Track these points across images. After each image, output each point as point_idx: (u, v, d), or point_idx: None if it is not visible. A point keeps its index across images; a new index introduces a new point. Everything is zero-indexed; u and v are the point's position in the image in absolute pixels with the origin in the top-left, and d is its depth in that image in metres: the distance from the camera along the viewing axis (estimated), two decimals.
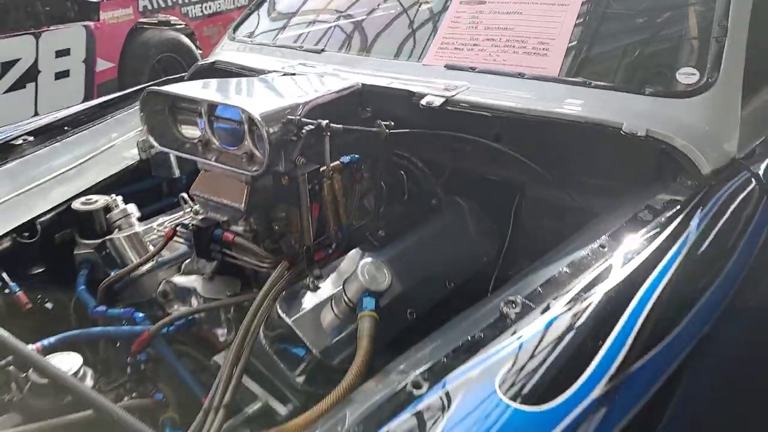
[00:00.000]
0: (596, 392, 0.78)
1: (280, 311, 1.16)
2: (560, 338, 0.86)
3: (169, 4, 4.41)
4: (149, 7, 4.27)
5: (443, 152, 1.53)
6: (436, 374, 0.82)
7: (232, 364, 1.12)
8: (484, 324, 0.91)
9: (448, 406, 0.77)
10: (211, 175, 1.34)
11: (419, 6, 1.78)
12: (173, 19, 4.75)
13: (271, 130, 1.16)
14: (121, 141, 1.80)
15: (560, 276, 0.99)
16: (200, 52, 4.51)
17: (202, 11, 4.63)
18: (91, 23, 3.84)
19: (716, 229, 1.11)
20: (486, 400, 0.78)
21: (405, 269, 1.32)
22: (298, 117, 1.20)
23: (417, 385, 0.81)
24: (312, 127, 1.19)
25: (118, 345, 1.32)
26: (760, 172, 1.27)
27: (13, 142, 1.67)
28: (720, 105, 1.31)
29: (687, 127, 1.28)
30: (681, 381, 0.89)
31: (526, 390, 0.78)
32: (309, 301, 1.20)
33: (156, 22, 4.62)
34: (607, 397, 0.78)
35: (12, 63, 3.42)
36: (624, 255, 1.02)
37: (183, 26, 4.61)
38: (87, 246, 1.55)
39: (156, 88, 1.30)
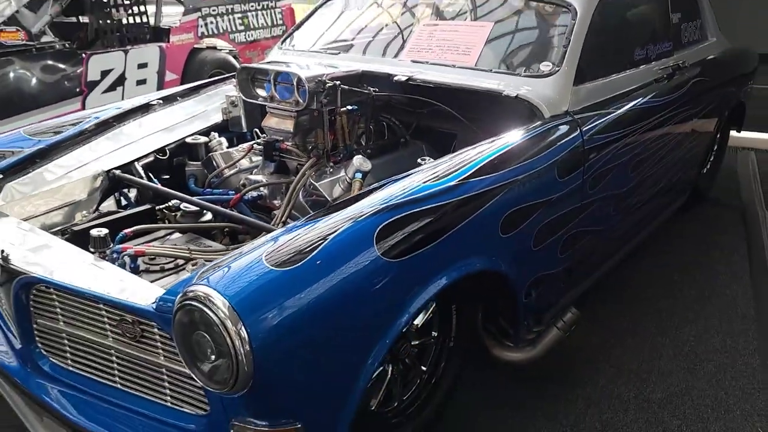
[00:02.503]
0: (453, 182, 1.78)
1: (311, 180, 2.19)
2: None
3: (221, 31, 5.55)
4: (206, 33, 5.41)
5: (410, 115, 2.56)
6: None
7: (285, 205, 2.14)
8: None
9: None
10: (273, 114, 2.37)
11: (399, 28, 2.84)
12: (219, 43, 5.90)
13: (309, 85, 2.20)
14: (211, 108, 2.84)
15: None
16: None
17: (245, 38, 5.78)
18: (163, 44, 4.98)
19: (539, 140, 2.11)
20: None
21: (381, 170, 2.32)
22: (323, 79, 2.24)
23: None
24: (330, 84, 2.23)
25: None
26: (576, 117, 2.28)
27: (150, 102, 2.73)
28: (560, 83, 2.32)
29: (541, 94, 2.29)
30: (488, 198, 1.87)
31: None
32: (326, 178, 2.22)
33: (204, 47, 5.75)
34: (463, 185, 1.78)
35: (108, 71, 4.55)
36: (483, 146, 2.03)
37: (231, 49, 5.75)
38: (193, 165, 2.59)
39: (246, 64, 2.36)
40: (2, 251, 1.72)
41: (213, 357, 1.38)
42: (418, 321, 1.95)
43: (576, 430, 2.10)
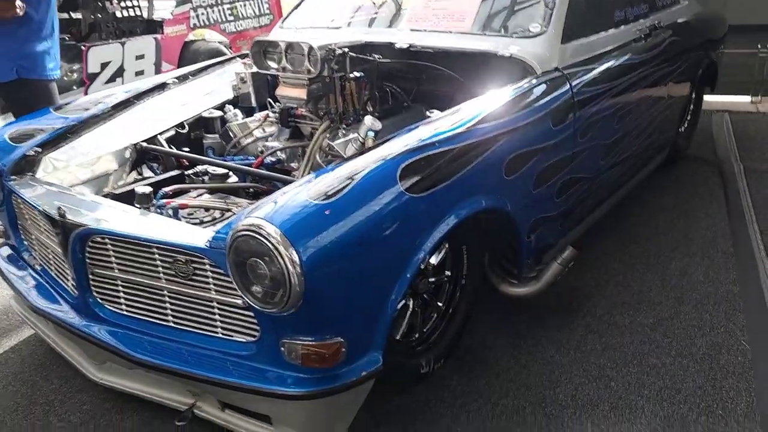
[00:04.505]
0: (463, 128, 1.99)
1: (327, 140, 2.38)
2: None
3: (212, 22, 5.71)
4: (198, 24, 5.57)
5: (411, 82, 2.76)
6: None
7: (305, 163, 2.33)
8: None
9: None
10: (286, 84, 2.56)
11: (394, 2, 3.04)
12: (207, 35, 6.08)
13: (320, 53, 2.39)
14: (222, 85, 3.02)
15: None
16: None
17: (235, 28, 5.94)
18: (158, 36, 5.13)
19: (534, 93, 2.33)
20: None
21: (386, 132, 2.52)
22: (332, 47, 2.43)
23: None
24: (340, 51, 2.42)
25: None
26: (565, 72, 2.50)
27: (166, 81, 2.91)
28: (549, 41, 2.53)
29: (532, 53, 2.50)
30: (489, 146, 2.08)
31: None
32: (340, 138, 2.41)
33: (193, 39, 5.92)
34: (464, 133, 1.99)
35: (107, 63, 4.70)
36: (485, 98, 2.24)
37: (222, 40, 5.92)
38: (210, 137, 2.77)
39: (259, 37, 2.55)
40: (59, 208, 1.89)
41: (266, 281, 1.58)
42: (434, 260, 2.16)
43: (579, 351, 2.32)
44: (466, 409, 2.08)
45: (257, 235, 1.54)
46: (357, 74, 2.52)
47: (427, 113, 2.28)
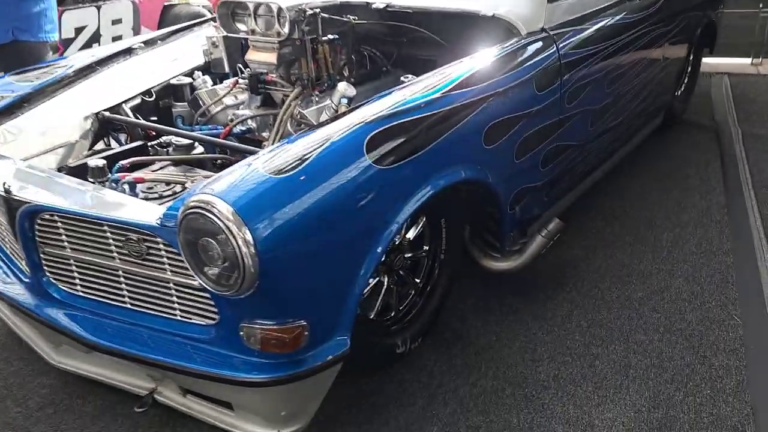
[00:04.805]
0: (437, 94, 1.85)
1: (298, 108, 2.25)
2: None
3: None
4: None
5: (390, 45, 2.61)
6: None
7: (274, 133, 2.20)
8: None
9: None
10: (255, 48, 2.41)
11: None
12: None
13: (290, 14, 2.24)
14: (193, 50, 2.86)
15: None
16: None
17: None
18: None
19: (517, 56, 2.18)
20: None
21: (364, 98, 2.38)
22: (303, 7, 2.27)
23: None
24: (311, 12, 2.27)
25: None
26: (552, 33, 2.35)
27: (132, 46, 2.75)
28: (534, 1, 2.38)
29: (516, 12, 2.35)
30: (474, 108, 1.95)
31: None
32: (313, 106, 2.28)
33: (174, 3, 5.72)
34: (446, 97, 1.85)
35: (82, 28, 4.51)
36: (464, 61, 2.09)
37: (206, 3, 5.70)
38: (179, 106, 2.63)
39: None
40: (4, 183, 1.77)
41: (219, 262, 1.46)
42: (411, 235, 2.04)
43: (563, 328, 2.23)
44: (442, 390, 1.98)
45: (208, 213, 1.42)
46: (330, 37, 2.37)
47: (402, 78, 2.14)
